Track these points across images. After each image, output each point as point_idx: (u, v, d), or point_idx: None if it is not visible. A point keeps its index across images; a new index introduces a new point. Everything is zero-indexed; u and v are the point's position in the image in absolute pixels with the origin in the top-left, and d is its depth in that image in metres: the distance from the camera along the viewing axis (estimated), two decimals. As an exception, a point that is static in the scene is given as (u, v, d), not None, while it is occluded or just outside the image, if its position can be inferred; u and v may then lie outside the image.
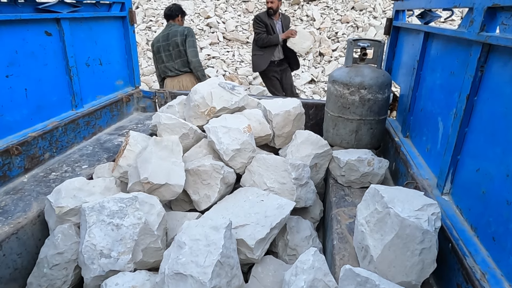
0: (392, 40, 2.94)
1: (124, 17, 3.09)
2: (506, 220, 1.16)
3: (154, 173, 1.71)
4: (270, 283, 1.53)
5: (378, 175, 2.05)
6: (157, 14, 9.49)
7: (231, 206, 1.77)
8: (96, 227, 1.47)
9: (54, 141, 2.29)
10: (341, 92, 2.27)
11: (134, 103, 3.32)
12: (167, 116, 2.21)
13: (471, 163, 1.46)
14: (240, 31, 8.82)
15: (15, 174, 2.00)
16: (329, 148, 2.20)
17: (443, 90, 1.83)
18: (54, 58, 2.37)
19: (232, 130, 2.04)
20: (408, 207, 1.28)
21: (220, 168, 1.90)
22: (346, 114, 2.30)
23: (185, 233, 1.35)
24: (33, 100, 2.22)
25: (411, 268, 1.25)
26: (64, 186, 1.75)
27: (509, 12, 1.25)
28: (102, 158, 2.33)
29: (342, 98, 2.28)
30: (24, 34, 2.12)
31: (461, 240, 1.33)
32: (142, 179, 1.68)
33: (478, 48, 1.41)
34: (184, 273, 1.23)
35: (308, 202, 1.98)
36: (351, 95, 2.24)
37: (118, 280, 1.38)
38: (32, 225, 1.71)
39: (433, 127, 1.90)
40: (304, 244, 1.80)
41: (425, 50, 2.16)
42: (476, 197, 1.37)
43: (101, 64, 2.87)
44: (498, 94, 1.30)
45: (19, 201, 1.81)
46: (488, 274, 1.17)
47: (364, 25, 8.50)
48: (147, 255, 1.53)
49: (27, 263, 1.67)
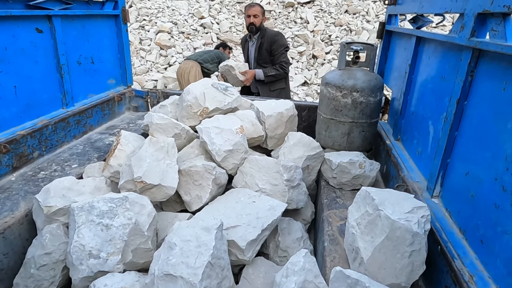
0: (384, 44, 2.97)
1: (117, 16, 3.07)
2: (494, 223, 1.18)
3: (148, 172, 1.70)
4: (261, 284, 1.52)
5: (369, 178, 2.06)
6: (150, 13, 9.44)
7: (223, 207, 1.77)
8: (85, 227, 1.45)
9: (43, 139, 2.26)
10: (334, 95, 2.28)
11: (126, 103, 3.29)
12: (159, 116, 2.19)
13: (460, 166, 1.47)
14: (234, 32, 8.83)
15: (3, 173, 1.96)
16: (321, 150, 2.21)
17: (434, 94, 1.85)
18: (45, 56, 2.34)
19: (225, 131, 2.04)
20: (398, 210, 1.30)
21: (212, 169, 1.89)
22: (339, 116, 2.31)
23: (176, 234, 1.35)
24: (22, 97, 2.18)
25: (400, 270, 1.26)
26: (53, 186, 1.72)
27: (499, 18, 1.28)
28: (92, 157, 2.30)
29: (334, 100, 2.29)
30: (14, 31, 2.08)
31: (450, 243, 1.35)
32: (136, 178, 1.67)
33: (468, 53, 1.43)
34: (174, 274, 1.22)
35: (300, 203, 1.98)
36: (343, 98, 2.25)
37: (107, 281, 1.37)
38: (20, 225, 1.68)
39: (424, 131, 1.92)
40: (295, 246, 1.80)
41: (417, 55, 2.18)
42: (465, 200, 1.39)
43: (93, 62, 2.84)
44: (488, 99, 1.32)
45: (6, 200, 1.78)
46: (476, 277, 1.18)
47: (357, 29, 8.58)
48: (137, 256, 1.51)
49: (13, 264, 1.64)
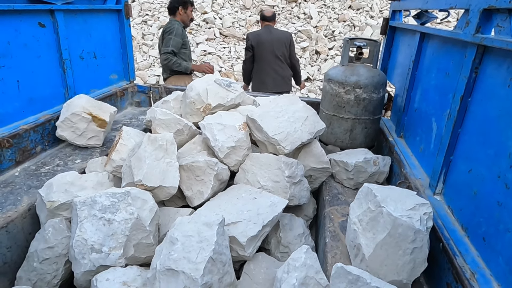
0: (388, 40, 2.95)
1: (120, 11, 3.06)
2: (496, 221, 1.17)
3: (148, 175, 1.69)
4: (262, 280, 1.53)
5: (384, 173, 2.08)
6: (153, 8, 9.41)
7: (224, 203, 1.77)
8: (87, 221, 1.46)
9: (46, 134, 2.27)
10: (337, 91, 2.27)
11: (128, 98, 3.29)
12: (162, 111, 2.19)
13: (463, 164, 1.47)
14: (237, 27, 8.79)
15: (6, 167, 1.97)
16: (329, 166, 2.12)
17: (438, 91, 1.84)
18: (47, 50, 2.34)
19: (228, 127, 2.03)
20: (400, 207, 1.29)
21: (214, 165, 1.89)
22: (341, 113, 2.30)
23: (178, 229, 1.35)
24: (25, 92, 2.19)
25: (402, 267, 1.26)
26: (56, 180, 1.73)
27: (505, 14, 1.26)
28: (95, 152, 2.31)
29: (337, 97, 2.28)
30: (17, 25, 2.08)
31: (452, 240, 1.35)
32: (136, 181, 1.67)
33: (473, 50, 1.42)
34: (175, 269, 1.22)
35: (302, 200, 1.98)
36: (346, 94, 2.24)
37: (108, 276, 1.37)
38: (22, 219, 1.69)
39: (427, 128, 1.91)
40: (296, 242, 1.80)
41: (421, 51, 2.16)
42: (467, 197, 1.39)
43: (95, 57, 2.84)
44: (492, 96, 1.31)
45: (9, 194, 1.79)
46: (477, 274, 1.18)
47: (361, 24, 8.52)
48: (139, 250, 1.52)
49: (16, 257, 1.65)
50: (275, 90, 4.08)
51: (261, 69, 4.21)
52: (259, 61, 4.20)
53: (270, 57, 4.15)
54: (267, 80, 4.21)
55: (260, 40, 4.12)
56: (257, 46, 4.14)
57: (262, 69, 4.21)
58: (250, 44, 4.16)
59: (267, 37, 4.14)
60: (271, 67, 4.17)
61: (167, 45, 3.74)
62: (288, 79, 4.34)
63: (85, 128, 2.29)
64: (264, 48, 4.13)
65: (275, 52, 4.14)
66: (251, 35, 4.20)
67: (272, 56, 4.14)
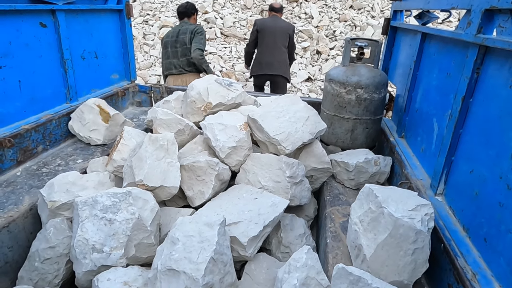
0: (389, 40, 2.95)
1: (121, 10, 3.06)
2: (498, 222, 1.17)
3: (149, 175, 1.69)
4: (263, 280, 1.53)
5: (385, 173, 2.08)
6: (154, 8, 9.41)
7: (225, 203, 1.77)
8: (88, 221, 1.46)
9: (47, 134, 2.27)
10: (338, 91, 2.27)
11: (129, 98, 3.29)
12: (163, 111, 2.19)
13: (465, 164, 1.47)
14: (238, 27, 8.79)
15: (7, 167, 1.98)
16: (330, 167, 2.13)
17: (439, 91, 1.83)
18: (49, 50, 2.34)
19: (229, 127, 2.03)
20: (401, 207, 1.29)
21: (215, 165, 1.89)
22: (342, 113, 2.30)
23: (179, 229, 1.35)
24: (26, 92, 2.19)
25: (403, 268, 1.26)
26: (57, 180, 1.73)
27: (506, 14, 1.26)
28: (96, 152, 2.31)
29: (338, 97, 2.28)
30: (18, 25, 2.09)
31: (453, 241, 1.35)
32: (137, 181, 1.67)
33: (474, 50, 1.41)
34: (177, 269, 1.22)
35: (303, 200, 1.98)
36: (347, 94, 2.24)
37: (110, 275, 1.38)
38: (24, 219, 1.69)
39: (428, 128, 1.91)
40: (297, 242, 1.80)
41: (422, 51, 2.16)
42: (469, 198, 1.39)
43: (96, 57, 2.84)
44: (493, 97, 1.30)
45: (11, 194, 1.79)
46: (479, 275, 1.18)
47: (362, 24, 8.51)
48: (140, 250, 1.52)
49: (18, 257, 1.65)
50: (270, 72, 4.57)
51: (262, 52, 4.61)
52: (261, 45, 4.59)
53: (271, 43, 4.52)
54: (264, 63, 4.60)
55: (265, 26, 4.52)
56: (262, 31, 4.53)
57: (262, 52, 4.61)
58: (256, 29, 4.56)
59: (272, 25, 4.53)
60: (270, 52, 4.55)
61: (202, 44, 3.97)
62: (284, 63, 4.69)
63: (90, 119, 2.39)
64: (267, 34, 4.52)
65: (277, 39, 4.52)
66: (258, 21, 4.62)
67: (273, 42, 4.53)
